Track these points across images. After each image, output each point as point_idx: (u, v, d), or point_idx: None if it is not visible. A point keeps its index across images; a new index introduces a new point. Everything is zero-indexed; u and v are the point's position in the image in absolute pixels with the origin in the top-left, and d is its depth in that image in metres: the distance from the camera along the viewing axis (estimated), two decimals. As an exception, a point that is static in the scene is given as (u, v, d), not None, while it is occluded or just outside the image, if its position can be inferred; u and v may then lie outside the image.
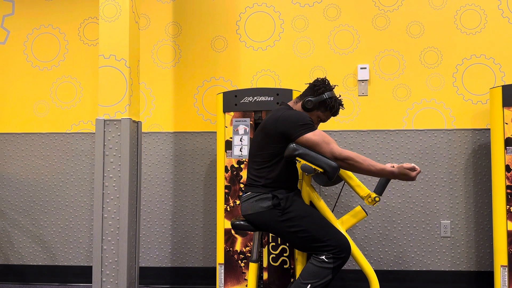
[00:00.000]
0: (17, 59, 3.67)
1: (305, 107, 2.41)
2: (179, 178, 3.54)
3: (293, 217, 2.27)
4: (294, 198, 2.34)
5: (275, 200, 2.29)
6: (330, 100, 2.42)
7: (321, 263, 2.21)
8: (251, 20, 3.55)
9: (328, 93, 2.42)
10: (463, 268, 3.34)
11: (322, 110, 2.43)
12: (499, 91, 2.96)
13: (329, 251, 2.21)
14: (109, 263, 2.84)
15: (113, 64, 2.91)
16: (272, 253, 2.94)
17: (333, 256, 2.21)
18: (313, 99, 2.40)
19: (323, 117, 2.46)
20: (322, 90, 2.42)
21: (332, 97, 2.42)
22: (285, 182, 2.36)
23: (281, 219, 2.28)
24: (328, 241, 2.22)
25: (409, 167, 2.20)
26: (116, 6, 2.92)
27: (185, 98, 3.56)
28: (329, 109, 2.44)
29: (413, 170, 2.21)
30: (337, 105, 2.45)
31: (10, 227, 3.61)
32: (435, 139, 3.39)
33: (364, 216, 2.43)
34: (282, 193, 2.32)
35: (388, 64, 3.46)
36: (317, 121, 2.47)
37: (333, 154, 2.23)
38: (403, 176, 2.21)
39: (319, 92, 2.41)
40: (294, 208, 2.29)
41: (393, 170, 2.22)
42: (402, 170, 2.21)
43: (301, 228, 2.25)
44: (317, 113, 2.44)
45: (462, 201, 3.36)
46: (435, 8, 3.45)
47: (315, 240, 2.23)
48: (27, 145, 3.62)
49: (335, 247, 2.21)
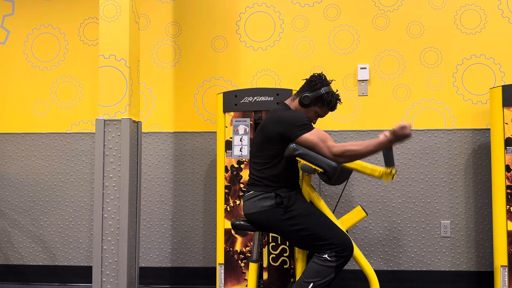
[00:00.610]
0: (17, 59, 3.67)
1: (302, 103, 2.40)
2: (179, 178, 3.54)
3: (295, 216, 2.27)
4: (297, 197, 2.34)
5: (278, 199, 2.29)
6: (327, 95, 2.40)
7: (324, 261, 2.21)
8: (251, 20, 3.55)
9: (325, 88, 2.40)
10: (463, 268, 3.34)
11: (319, 105, 2.42)
12: (499, 91, 2.96)
13: (332, 250, 2.21)
14: (109, 263, 2.84)
15: (113, 64, 2.91)
16: (272, 253, 2.94)
17: (335, 254, 2.21)
18: (310, 95, 2.38)
19: (321, 113, 2.45)
20: (319, 85, 2.40)
21: (329, 92, 2.41)
22: (286, 180, 2.36)
23: (284, 218, 2.28)
24: (330, 240, 2.22)
25: (400, 127, 2.18)
26: (116, 6, 2.91)
27: (185, 98, 3.56)
28: (326, 104, 2.42)
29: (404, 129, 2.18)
30: (334, 99, 2.43)
31: (10, 227, 3.61)
32: (435, 139, 3.39)
33: (364, 216, 2.42)
34: (284, 191, 2.32)
35: (388, 64, 3.46)
36: (315, 117, 2.46)
37: (332, 152, 2.23)
38: (400, 138, 2.20)
39: (315, 88, 2.40)
40: (297, 206, 2.30)
41: (390, 138, 2.21)
42: (397, 133, 2.19)
43: (303, 226, 2.25)
44: (314, 108, 2.43)
45: (462, 201, 3.36)
46: (435, 8, 3.45)
47: (318, 239, 2.23)
48: (27, 145, 3.62)
49: (337, 245, 2.21)
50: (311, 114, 2.43)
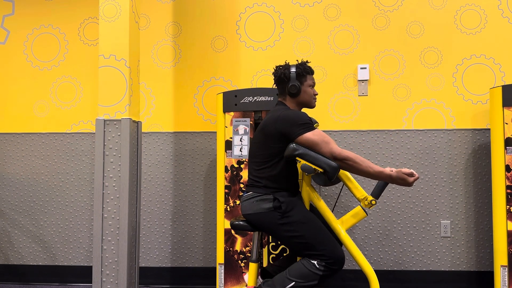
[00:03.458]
0: (17, 59, 3.67)
1: (293, 94, 2.41)
2: (179, 178, 3.54)
3: (292, 222, 2.27)
4: (297, 203, 2.33)
5: (276, 203, 2.29)
6: (299, 68, 2.43)
7: (312, 267, 2.20)
8: (251, 20, 3.55)
9: (291, 67, 2.43)
10: (463, 268, 3.34)
11: (304, 80, 2.44)
12: (499, 91, 2.96)
13: (322, 260, 2.21)
14: (109, 263, 2.84)
15: (113, 64, 2.91)
16: (272, 253, 2.94)
17: (325, 265, 2.20)
18: (290, 83, 2.40)
19: (311, 83, 2.46)
20: (286, 71, 2.42)
21: (297, 65, 2.44)
22: (285, 182, 2.35)
23: (280, 222, 2.28)
24: (323, 251, 2.21)
25: (407, 173, 2.20)
26: (116, 6, 2.92)
27: (185, 98, 3.56)
28: (305, 73, 2.44)
29: (411, 176, 2.20)
30: (304, 65, 2.46)
31: (10, 227, 3.61)
32: (435, 139, 3.39)
33: (364, 216, 2.42)
34: (284, 195, 2.31)
35: (388, 64, 3.46)
36: (313, 91, 2.46)
37: (333, 154, 2.23)
38: (400, 181, 2.21)
39: (286, 75, 2.42)
40: (295, 212, 2.29)
41: (391, 173, 2.21)
42: (400, 175, 2.20)
43: (298, 233, 2.24)
44: (305, 86, 2.44)
45: (462, 201, 3.36)
46: (435, 8, 3.45)
47: (310, 248, 2.23)
48: (27, 145, 3.62)
49: (329, 257, 2.20)
50: (308, 92, 2.44)
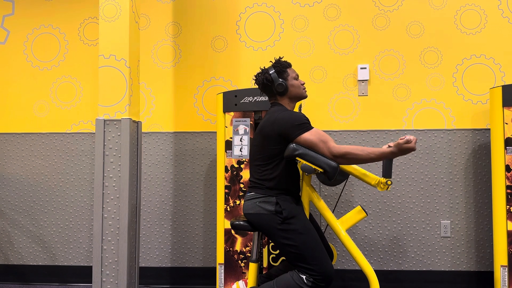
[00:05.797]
0: (17, 59, 3.67)
1: (282, 92, 2.41)
2: (179, 178, 3.54)
3: (290, 230, 2.26)
4: (298, 212, 2.33)
5: (278, 207, 2.29)
6: (276, 67, 2.44)
7: (300, 281, 2.21)
8: (251, 20, 3.55)
9: (269, 70, 2.43)
10: (463, 268, 3.34)
11: (286, 75, 2.44)
12: (499, 91, 2.96)
13: (311, 275, 2.21)
14: (109, 263, 2.84)
15: (113, 64, 2.91)
16: (272, 253, 2.94)
17: (313, 281, 2.20)
18: (275, 83, 2.41)
19: (294, 75, 2.46)
20: (267, 74, 2.43)
21: (272, 66, 2.45)
22: (287, 182, 2.36)
23: (279, 227, 2.28)
24: (313, 266, 2.21)
25: (405, 141, 2.20)
26: (116, 6, 2.92)
27: (185, 98, 3.56)
28: (284, 68, 2.45)
29: (409, 142, 2.20)
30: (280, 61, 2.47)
31: (10, 227, 3.61)
32: (435, 139, 3.39)
33: (364, 216, 2.42)
34: (287, 200, 2.32)
35: (388, 64, 3.46)
36: (299, 82, 2.46)
37: (332, 153, 2.23)
38: (404, 151, 2.21)
39: (268, 78, 2.42)
40: (295, 221, 2.28)
41: (392, 150, 2.22)
42: (401, 147, 2.20)
43: (293, 243, 2.24)
44: (289, 80, 2.44)
45: (462, 201, 3.36)
46: (435, 8, 3.45)
47: (302, 260, 2.23)
48: (27, 145, 3.62)
49: (318, 274, 2.20)
50: (295, 84, 2.44)
